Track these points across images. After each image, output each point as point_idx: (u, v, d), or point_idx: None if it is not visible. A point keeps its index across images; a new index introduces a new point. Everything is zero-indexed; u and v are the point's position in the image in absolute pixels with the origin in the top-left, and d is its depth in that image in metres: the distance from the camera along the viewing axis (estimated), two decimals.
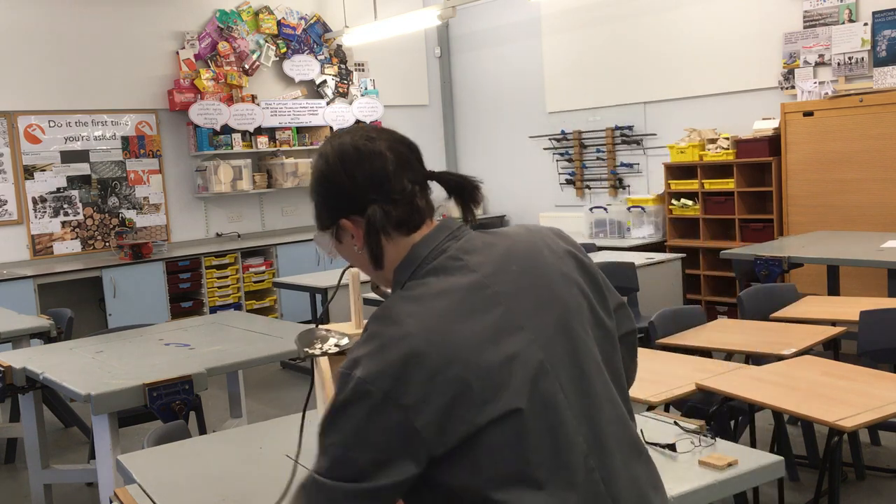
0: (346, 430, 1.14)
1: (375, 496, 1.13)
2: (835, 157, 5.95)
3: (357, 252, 1.31)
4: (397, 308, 1.19)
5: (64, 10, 6.94)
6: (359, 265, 1.36)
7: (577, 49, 8.08)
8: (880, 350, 3.51)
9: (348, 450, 1.13)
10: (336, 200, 1.30)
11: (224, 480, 1.89)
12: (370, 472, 1.12)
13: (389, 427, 1.12)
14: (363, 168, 1.28)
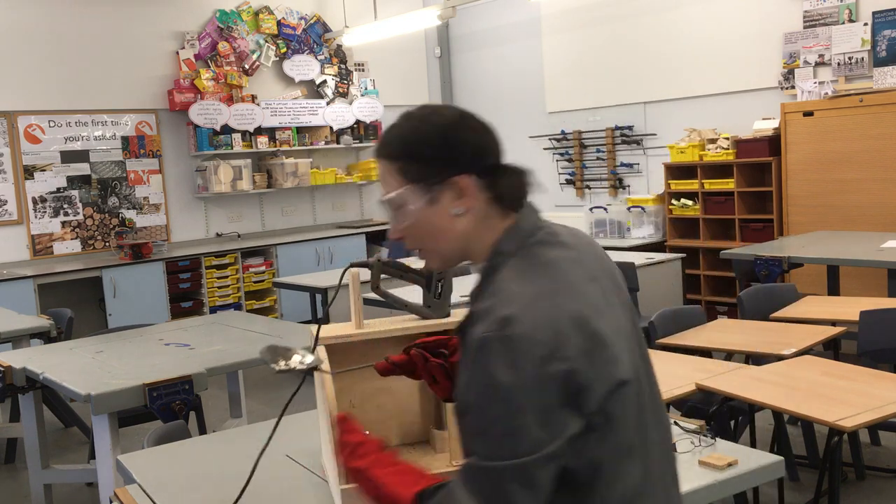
0: (513, 395, 1.08)
1: (547, 463, 1.10)
2: (835, 157, 5.95)
3: (450, 215, 1.24)
4: (528, 272, 1.18)
5: (64, 10, 6.94)
6: (435, 233, 1.25)
7: (577, 49, 8.07)
8: (880, 350, 3.51)
9: (516, 417, 1.09)
10: (451, 153, 1.23)
11: (224, 480, 1.89)
12: (538, 437, 1.09)
13: (556, 381, 1.09)
14: (480, 138, 1.26)
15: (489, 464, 1.10)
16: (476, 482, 1.12)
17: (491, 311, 1.14)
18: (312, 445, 2.04)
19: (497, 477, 1.09)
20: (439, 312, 1.81)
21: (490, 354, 1.10)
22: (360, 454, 1.33)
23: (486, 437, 1.11)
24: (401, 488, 1.24)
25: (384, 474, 1.29)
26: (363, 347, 1.86)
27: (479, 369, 1.11)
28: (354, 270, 1.78)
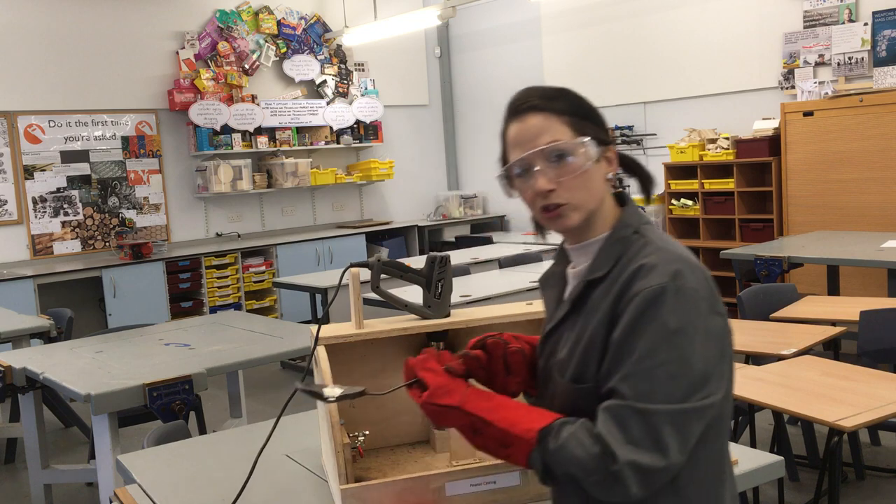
0: (677, 343, 1.15)
1: (702, 414, 1.16)
2: (835, 157, 5.95)
3: (603, 178, 1.32)
4: (666, 239, 1.28)
5: (64, 10, 6.94)
6: (594, 195, 1.30)
7: (576, 49, 8.07)
8: (880, 350, 3.51)
9: (682, 363, 1.15)
10: (603, 123, 1.34)
11: (224, 480, 1.89)
12: (698, 386, 1.15)
13: (716, 335, 1.18)
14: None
15: (646, 405, 1.14)
16: (626, 422, 1.14)
17: (656, 266, 1.20)
18: (312, 445, 2.04)
19: (653, 418, 1.13)
20: (439, 312, 1.81)
21: (664, 303, 1.16)
22: (448, 390, 1.29)
23: (647, 380, 1.15)
24: (519, 424, 1.22)
25: (489, 409, 1.25)
26: (363, 347, 1.86)
27: (650, 316, 1.16)
28: (354, 270, 1.78)
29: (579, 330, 1.27)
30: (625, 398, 1.15)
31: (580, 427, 1.18)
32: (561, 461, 1.17)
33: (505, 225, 9.22)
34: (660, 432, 1.13)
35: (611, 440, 1.14)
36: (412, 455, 1.89)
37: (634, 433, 1.13)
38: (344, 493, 1.55)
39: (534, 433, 1.20)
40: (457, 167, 9.66)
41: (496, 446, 1.24)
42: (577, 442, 1.16)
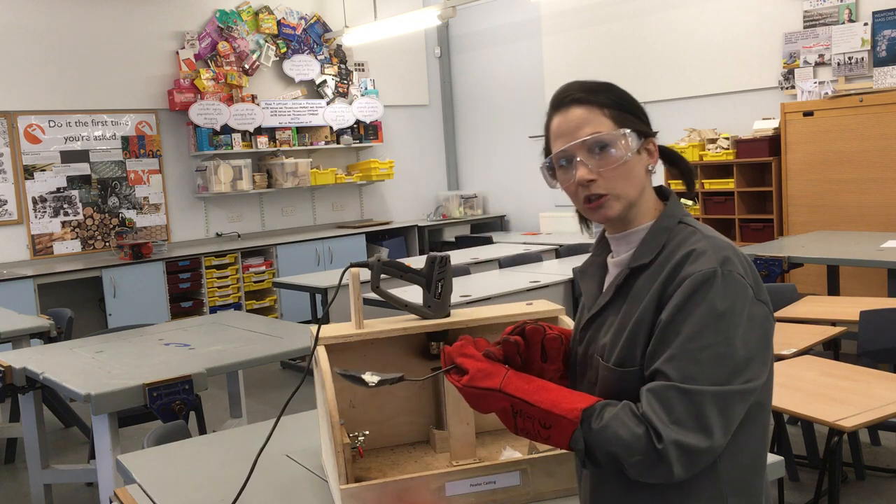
0: (723, 326, 1.18)
1: (745, 397, 1.19)
2: (835, 157, 5.95)
3: (644, 169, 1.34)
4: (715, 231, 1.31)
5: (64, 10, 6.94)
6: (637, 184, 1.33)
7: (576, 49, 8.08)
8: (880, 350, 3.51)
9: (728, 345, 1.17)
10: (644, 119, 1.35)
11: (224, 480, 1.89)
12: (742, 369, 1.18)
13: (760, 321, 1.22)
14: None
15: (691, 386, 1.15)
16: (671, 402, 1.16)
17: (707, 252, 1.23)
18: (312, 445, 2.05)
19: (698, 399, 1.15)
20: (439, 312, 1.81)
21: (713, 287, 1.19)
22: (488, 373, 1.29)
23: (693, 362, 1.17)
24: (561, 404, 1.23)
25: (530, 390, 1.26)
26: (363, 347, 1.86)
27: (698, 299, 1.19)
28: (354, 270, 1.78)
29: (624, 315, 1.29)
30: (670, 379, 1.17)
31: (623, 408, 1.19)
32: (604, 441, 1.18)
33: (505, 225, 9.22)
34: (704, 413, 1.15)
35: (655, 420, 1.15)
36: (412, 455, 1.89)
37: (679, 413, 1.15)
38: (344, 493, 1.55)
39: (578, 412, 1.21)
40: (457, 167, 9.66)
41: (538, 428, 1.24)
42: (620, 422, 1.17)
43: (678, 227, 1.32)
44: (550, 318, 1.82)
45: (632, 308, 1.29)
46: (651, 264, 1.29)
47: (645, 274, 1.29)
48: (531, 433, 1.26)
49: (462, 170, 9.63)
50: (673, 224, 1.32)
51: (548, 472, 1.63)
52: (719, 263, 1.21)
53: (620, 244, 1.37)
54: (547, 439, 1.24)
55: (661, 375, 1.18)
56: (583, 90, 1.33)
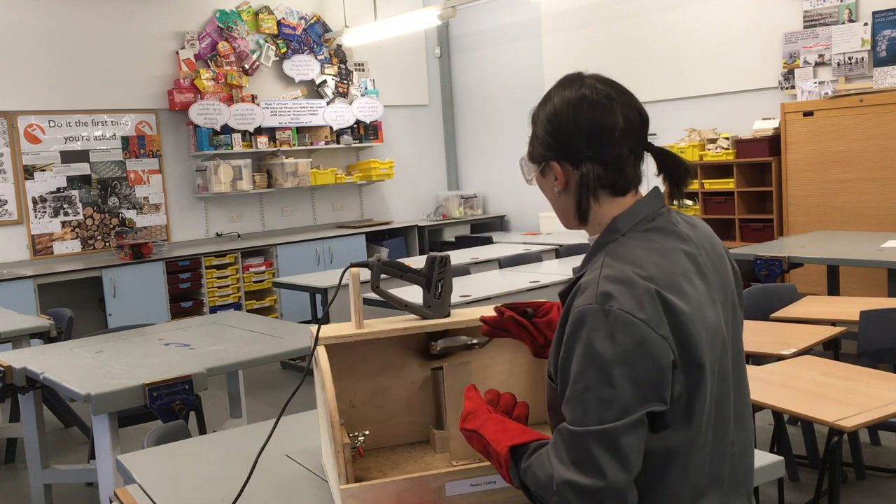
0: (608, 365, 1.15)
1: (633, 430, 1.16)
2: (835, 157, 5.95)
3: (555, 193, 1.40)
4: (636, 253, 1.26)
5: (64, 10, 6.94)
6: (552, 203, 1.44)
7: (577, 49, 8.08)
8: (880, 350, 3.51)
9: (609, 386, 1.15)
10: (555, 141, 1.35)
11: (224, 480, 1.89)
12: (631, 406, 1.15)
13: (650, 357, 1.16)
14: (593, 125, 1.32)
15: (578, 428, 1.17)
16: (565, 446, 1.18)
17: (591, 285, 1.22)
18: (312, 445, 2.04)
19: (583, 441, 1.16)
20: (439, 312, 1.81)
21: (589, 325, 1.18)
22: (473, 416, 1.39)
23: (579, 404, 1.17)
24: (499, 441, 1.31)
25: (494, 430, 1.34)
26: (363, 347, 1.86)
27: (578, 337, 1.19)
28: (354, 270, 1.78)
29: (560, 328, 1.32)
30: (566, 421, 1.20)
31: (543, 452, 1.23)
32: (530, 481, 1.23)
33: (505, 225, 9.22)
34: (591, 453, 1.15)
35: (553, 461, 1.19)
36: (412, 455, 1.89)
37: (573, 455, 1.17)
38: (344, 493, 1.55)
39: (505, 448, 1.27)
40: (457, 167, 9.66)
41: (496, 465, 1.32)
42: (540, 463, 1.21)
43: (612, 244, 1.30)
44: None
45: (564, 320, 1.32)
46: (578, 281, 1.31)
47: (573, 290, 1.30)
48: (498, 470, 1.33)
49: (462, 170, 9.63)
50: (612, 240, 1.31)
51: None
52: (598, 300, 1.18)
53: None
54: (500, 471, 1.32)
55: (561, 417, 1.22)
56: (538, 104, 1.43)
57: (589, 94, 1.32)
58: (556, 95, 1.37)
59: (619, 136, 1.31)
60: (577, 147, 1.32)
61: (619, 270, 1.22)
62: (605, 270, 1.23)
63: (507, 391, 1.49)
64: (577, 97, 1.33)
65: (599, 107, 1.31)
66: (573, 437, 1.17)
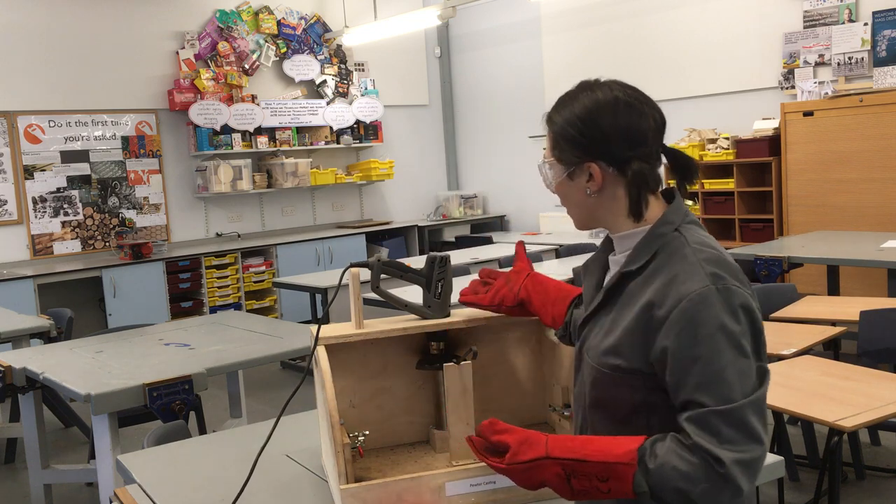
0: (739, 338, 1.21)
1: (765, 396, 1.24)
2: (835, 157, 5.95)
3: (587, 195, 1.37)
4: (705, 239, 1.32)
5: (64, 10, 6.94)
6: (577, 205, 1.40)
7: (577, 49, 8.08)
8: (880, 350, 3.51)
9: (744, 358, 1.21)
10: (590, 143, 1.34)
11: (224, 480, 1.89)
12: (762, 372, 1.24)
13: (759, 324, 1.25)
14: (630, 127, 1.34)
15: (729, 406, 1.18)
16: (717, 427, 1.18)
17: (692, 270, 1.25)
18: (312, 445, 2.04)
19: (739, 414, 1.18)
20: (439, 312, 1.81)
21: (713, 305, 1.21)
22: (531, 443, 1.26)
23: (722, 383, 1.19)
24: (613, 451, 1.22)
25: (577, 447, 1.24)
26: (363, 347, 1.86)
27: (703, 320, 1.21)
28: (354, 270, 1.78)
29: (613, 320, 1.33)
30: (705, 405, 1.19)
31: (672, 440, 1.21)
32: (665, 478, 1.19)
33: (505, 225, 9.22)
34: (749, 424, 1.19)
35: (709, 446, 1.17)
36: (412, 455, 1.89)
37: (727, 434, 1.18)
38: (344, 493, 1.55)
39: (633, 454, 1.21)
40: (457, 167, 9.66)
41: (596, 484, 1.23)
42: (675, 455, 1.19)
43: (672, 235, 1.32)
44: None
45: (621, 314, 1.32)
46: (641, 271, 1.31)
47: (635, 281, 1.31)
48: (590, 492, 1.24)
49: (462, 170, 9.63)
50: (668, 231, 1.33)
51: None
52: (712, 281, 1.23)
53: (620, 244, 1.40)
54: (608, 493, 1.22)
55: (695, 404, 1.20)
56: (554, 107, 1.39)
57: (622, 97, 1.35)
58: (583, 98, 1.35)
59: (651, 137, 1.36)
60: (617, 148, 1.33)
61: (711, 254, 1.27)
62: (698, 255, 1.26)
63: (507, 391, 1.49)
64: (611, 99, 1.34)
65: (635, 109, 1.35)
66: (727, 416, 1.18)
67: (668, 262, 1.28)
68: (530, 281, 1.70)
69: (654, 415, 1.28)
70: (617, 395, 1.30)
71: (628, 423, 1.30)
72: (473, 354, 1.79)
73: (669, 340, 1.22)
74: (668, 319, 1.23)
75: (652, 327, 1.25)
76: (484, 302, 1.72)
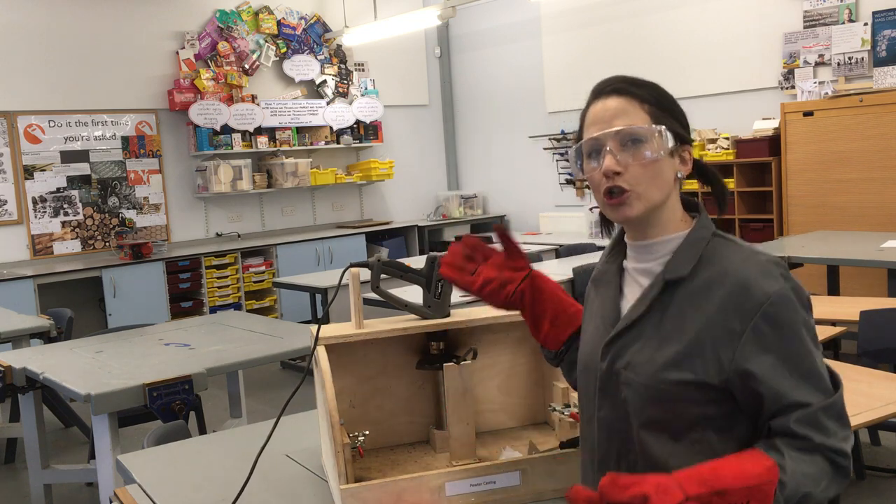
0: (815, 334, 1.22)
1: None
2: (835, 157, 5.95)
3: (676, 178, 1.31)
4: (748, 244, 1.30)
5: (64, 10, 6.94)
6: (660, 187, 1.27)
7: (577, 49, 8.08)
8: (880, 350, 3.50)
9: (821, 351, 1.22)
10: (686, 126, 1.32)
11: (224, 480, 1.89)
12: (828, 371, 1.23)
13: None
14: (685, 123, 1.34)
15: (829, 400, 1.18)
16: (824, 424, 1.17)
17: (763, 270, 1.21)
18: (312, 445, 2.04)
19: (839, 407, 1.19)
20: (439, 312, 1.81)
21: (794, 303, 1.19)
22: (666, 488, 1.08)
23: (818, 378, 1.19)
24: (750, 471, 1.11)
25: (711, 478, 1.10)
26: (363, 347, 1.86)
27: (790, 322, 1.19)
28: (354, 270, 1.78)
29: (664, 332, 1.23)
30: (810, 405, 1.17)
31: (788, 447, 1.16)
32: (799, 485, 1.14)
33: (505, 225, 9.20)
34: (845, 413, 1.20)
35: (834, 443, 1.17)
36: (412, 455, 1.89)
37: (834, 428, 1.18)
38: (344, 493, 1.55)
39: (775, 468, 1.12)
40: (457, 167, 9.66)
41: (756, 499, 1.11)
42: (801, 461, 1.15)
43: (714, 239, 1.27)
44: None
45: (677, 325, 1.22)
46: (688, 278, 1.23)
47: (684, 288, 1.23)
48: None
49: (462, 170, 9.63)
50: (708, 235, 1.28)
51: (548, 471, 1.63)
52: (787, 281, 1.21)
53: (646, 252, 1.31)
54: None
55: (799, 405, 1.17)
56: (626, 81, 1.29)
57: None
58: (655, 85, 1.31)
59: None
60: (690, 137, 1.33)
61: (765, 254, 1.25)
62: (759, 256, 1.23)
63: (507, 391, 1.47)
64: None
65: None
66: (831, 410, 1.17)
67: (726, 266, 1.22)
68: (528, 286, 1.46)
69: (709, 427, 1.21)
70: (677, 411, 1.21)
71: (684, 440, 1.22)
72: (473, 354, 1.79)
73: (757, 347, 1.17)
74: (750, 327, 1.17)
75: (728, 336, 1.18)
76: (472, 287, 1.47)
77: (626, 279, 1.34)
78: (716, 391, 1.20)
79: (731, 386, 1.19)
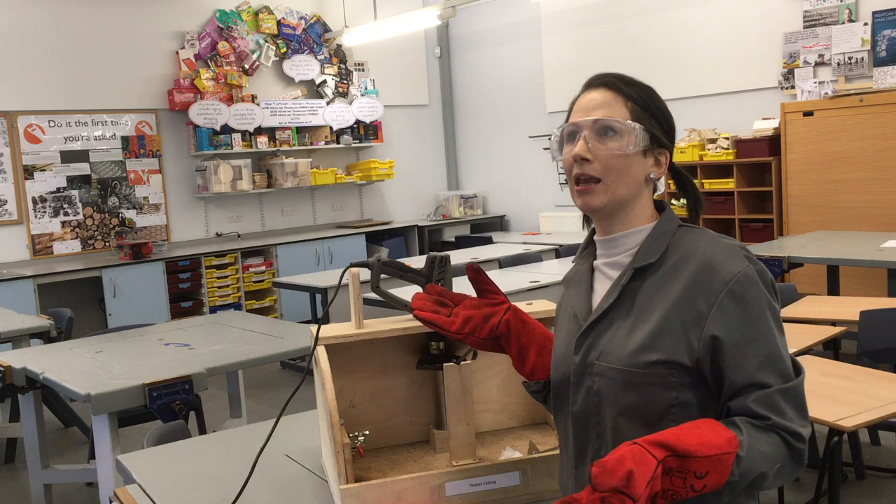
0: (779, 316, 1.24)
1: None
2: (835, 157, 5.95)
3: (647, 178, 1.33)
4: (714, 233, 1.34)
5: (64, 10, 6.94)
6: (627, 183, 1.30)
7: (576, 49, 8.08)
8: (880, 350, 3.50)
9: (783, 334, 1.24)
10: (670, 131, 1.36)
11: (224, 480, 1.89)
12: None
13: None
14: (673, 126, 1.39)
15: (790, 384, 1.20)
16: (780, 405, 1.18)
17: (727, 253, 1.24)
18: (312, 445, 2.04)
19: (800, 390, 1.21)
20: None
21: (757, 284, 1.22)
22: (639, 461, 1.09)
23: (780, 360, 1.20)
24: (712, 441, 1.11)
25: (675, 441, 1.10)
26: (363, 347, 1.86)
27: (753, 301, 1.21)
28: (354, 270, 1.78)
29: (635, 318, 1.27)
30: (769, 385, 1.19)
31: (746, 424, 1.17)
32: (755, 462, 1.14)
33: (505, 225, 9.22)
34: (804, 400, 1.21)
35: (790, 425, 1.18)
36: (412, 455, 1.89)
37: (791, 412, 1.19)
38: (344, 493, 1.55)
39: (735, 440, 1.12)
40: (457, 167, 9.66)
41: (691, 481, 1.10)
42: (758, 439, 1.16)
43: (680, 229, 1.32)
44: (550, 318, 1.82)
45: (646, 310, 1.26)
46: (657, 265, 1.28)
47: (653, 274, 1.28)
48: (678, 491, 1.10)
49: (462, 170, 9.63)
50: (674, 227, 1.32)
51: (548, 471, 1.63)
52: (750, 262, 1.23)
53: (612, 246, 1.35)
54: (702, 489, 1.11)
55: (758, 386, 1.18)
56: (617, 78, 1.34)
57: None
58: (644, 84, 1.35)
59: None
60: (672, 137, 1.37)
61: (730, 238, 1.29)
62: (725, 240, 1.27)
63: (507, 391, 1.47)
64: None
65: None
66: (789, 393, 1.19)
67: (692, 249, 1.26)
68: (513, 316, 1.46)
69: (683, 414, 1.22)
70: (651, 395, 1.23)
71: (658, 427, 1.20)
72: (473, 354, 1.79)
73: (721, 324, 1.20)
74: (715, 304, 1.20)
75: (695, 316, 1.21)
76: (450, 328, 1.46)
77: (597, 276, 1.38)
78: (689, 373, 1.22)
79: (703, 367, 1.22)
